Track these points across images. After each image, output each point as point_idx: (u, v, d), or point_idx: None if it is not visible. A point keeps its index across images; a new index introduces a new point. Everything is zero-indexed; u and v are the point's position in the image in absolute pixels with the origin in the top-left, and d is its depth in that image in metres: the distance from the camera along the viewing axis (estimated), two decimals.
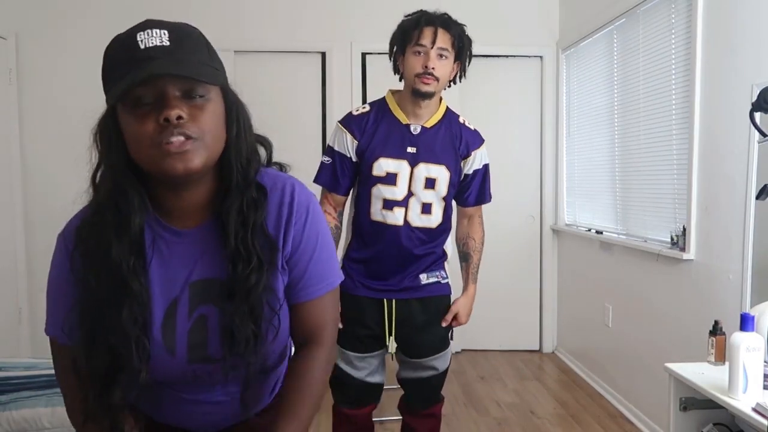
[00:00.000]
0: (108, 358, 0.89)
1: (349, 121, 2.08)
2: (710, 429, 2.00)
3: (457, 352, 4.38)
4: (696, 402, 1.99)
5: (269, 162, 1.05)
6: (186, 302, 0.95)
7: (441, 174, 2.06)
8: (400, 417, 2.37)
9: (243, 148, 0.95)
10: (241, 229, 0.92)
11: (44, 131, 4.05)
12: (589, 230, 3.81)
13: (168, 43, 0.84)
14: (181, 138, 0.84)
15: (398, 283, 2.12)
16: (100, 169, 0.91)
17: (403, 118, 2.05)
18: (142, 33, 0.84)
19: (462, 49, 2.04)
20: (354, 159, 2.05)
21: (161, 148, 0.84)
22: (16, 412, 2.08)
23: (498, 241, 4.39)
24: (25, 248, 4.03)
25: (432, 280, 2.16)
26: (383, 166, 2.02)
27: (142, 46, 0.83)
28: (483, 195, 2.23)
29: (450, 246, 2.26)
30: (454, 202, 2.22)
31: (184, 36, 0.87)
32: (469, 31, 2.15)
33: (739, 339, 1.70)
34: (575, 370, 4.04)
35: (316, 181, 2.11)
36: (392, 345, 2.15)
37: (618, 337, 3.44)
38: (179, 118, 0.84)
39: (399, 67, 2.07)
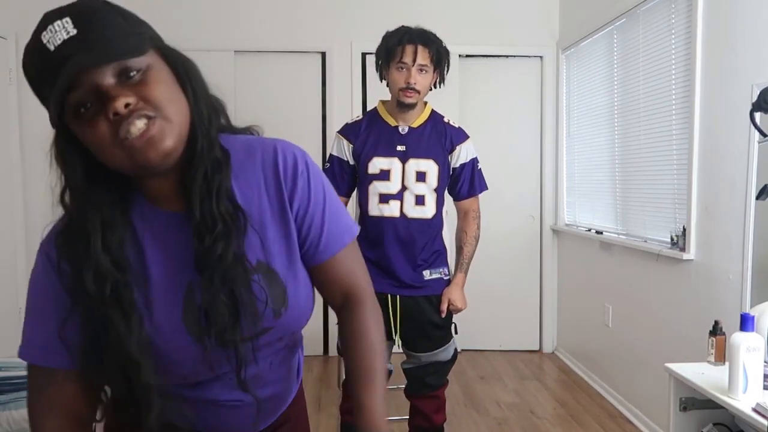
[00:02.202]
0: (121, 374, 0.82)
1: (344, 130, 2.34)
2: (710, 429, 2.00)
3: None
4: (696, 402, 1.99)
5: (231, 128, 0.95)
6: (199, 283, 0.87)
7: (430, 167, 2.25)
8: (401, 417, 2.51)
9: (203, 107, 0.85)
10: (206, 196, 0.84)
11: (44, 131, 4.03)
12: (589, 230, 3.81)
13: (75, 32, 0.74)
14: (140, 125, 0.75)
15: (403, 279, 2.27)
16: (66, 191, 0.83)
17: (391, 122, 2.29)
18: (45, 33, 0.75)
19: (440, 61, 2.25)
20: (351, 162, 2.29)
21: (125, 144, 0.76)
22: (16, 412, 2.08)
23: (498, 241, 4.40)
24: (25, 248, 4.03)
25: (435, 276, 2.32)
26: (377, 164, 2.25)
27: (51, 48, 0.74)
28: (474, 186, 2.37)
29: (447, 240, 2.41)
30: (449, 198, 2.38)
31: (90, 15, 0.76)
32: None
33: (739, 339, 1.70)
34: (575, 370, 4.04)
35: None
36: (398, 340, 2.32)
37: (618, 337, 3.44)
38: (127, 105, 0.75)
39: (384, 76, 2.29)
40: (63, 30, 0.74)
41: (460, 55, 4.28)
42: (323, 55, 4.26)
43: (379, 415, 0.93)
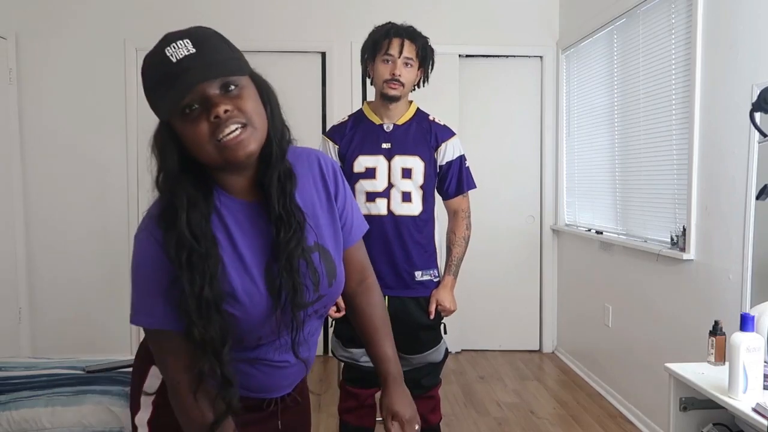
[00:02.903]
0: (218, 325, 0.99)
1: (330, 131, 2.36)
2: (710, 429, 2.00)
3: (457, 352, 4.38)
4: (696, 402, 1.99)
5: None
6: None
7: (416, 164, 2.25)
8: None
9: (278, 123, 1.07)
10: (281, 197, 1.06)
11: (44, 131, 4.05)
12: (589, 230, 3.82)
13: (194, 50, 0.95)
14: (234, 128, 0.96)
15: (392, 279, 2.25)
16: (161, 174, 1.01)
17: (376, 120, 2.29)
18: (168, 48, 0.95)
19: (425, 58, 2.26)
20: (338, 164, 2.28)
21: (220, 144, 0.96)
22: (16, 412, 2.08)
23: (498, 241, 4.41)
24: (25, 248, 4.03)
25: (426, 278, 2.30)
26: (362, 162, 2.25)
27: (174, 60, 0.94)
28: (462, 184, 2.34)
29: (438, 242, 2.40)
30: (440, 200, 2.37)
31: (205, 39, 0.99)
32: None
33: (739, 339, 1.70)
34: (575, 370, 4.04)
35: None
36: None
37: (618, 337, 3.44)
38: (226, 111, 0.95)
39: (369, 73, 2.29)
40: (184, 48, 0.95)
41: (460, 55, 4.28)
42: (323, 55, 4.26)
43: (398, 362, 1.32)
